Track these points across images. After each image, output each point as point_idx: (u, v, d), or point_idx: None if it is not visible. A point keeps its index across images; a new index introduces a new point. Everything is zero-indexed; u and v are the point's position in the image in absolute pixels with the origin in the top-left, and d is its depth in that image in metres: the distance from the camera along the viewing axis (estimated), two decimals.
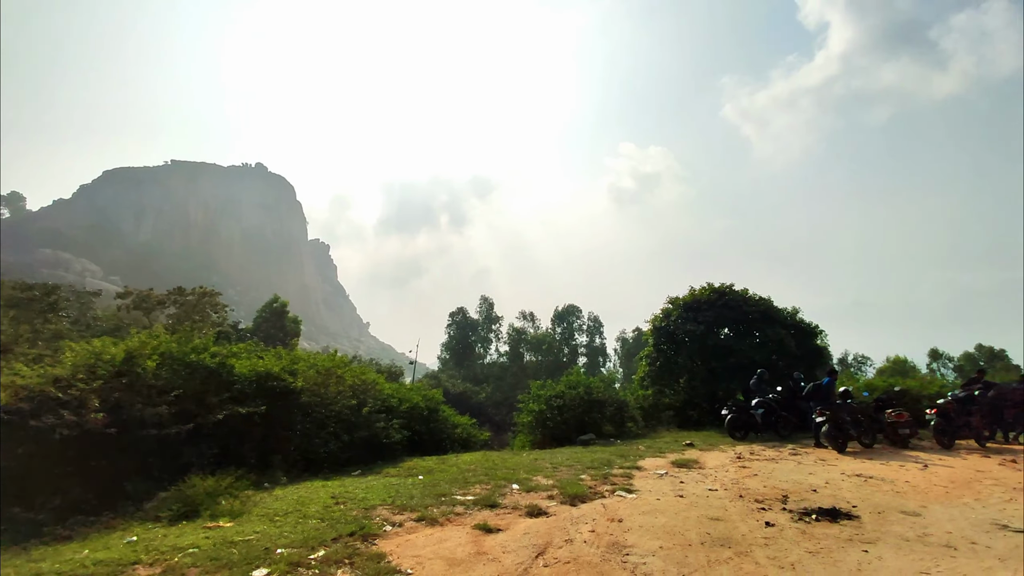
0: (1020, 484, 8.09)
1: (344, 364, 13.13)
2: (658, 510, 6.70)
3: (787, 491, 7.63)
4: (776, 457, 10.48)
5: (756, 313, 18.15)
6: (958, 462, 9.95)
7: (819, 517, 6.36)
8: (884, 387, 15.88)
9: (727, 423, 13.40)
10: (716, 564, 4.95)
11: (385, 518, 6.25)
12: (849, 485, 8.06)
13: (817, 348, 18.84)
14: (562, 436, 14.03)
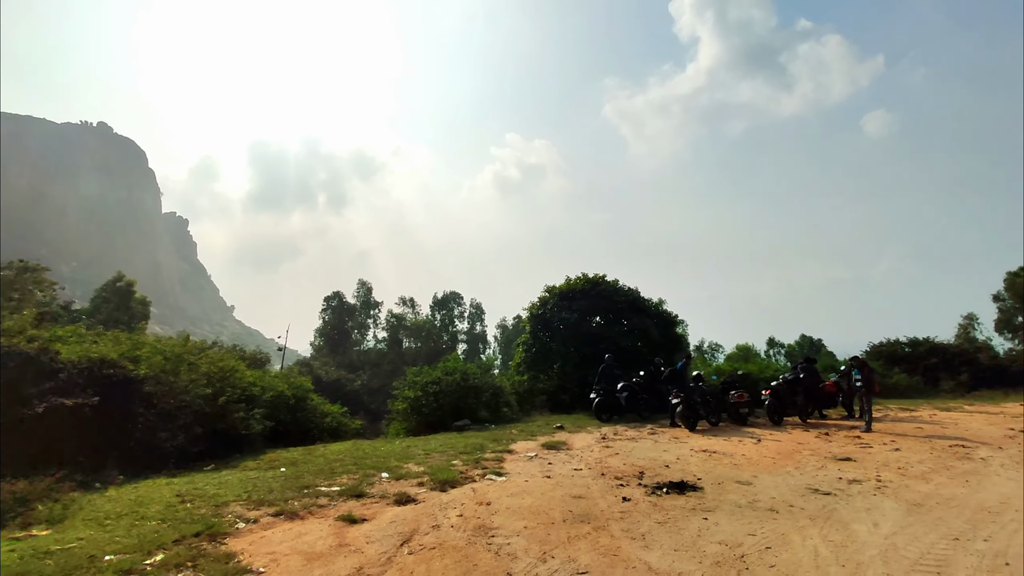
0: (830, 453, 9.40)
1: (199, 350, 11.99)
2: (526, 491, 6.89)
3: (644, 468, 8.22)
4: (636, 437, 11.25)
5: (625, 303, 19.33)
6: (785, 436, 11.34)
7: (669, 490, 6.91)
8: (730, 371, 17.67)
9: (595, 406, 14.18)
10: (576, 539, 5.19)
11: (238, 515, 5.81)
12: (696, 460, 8.86)
13: (677, 336, 20.50)
14: (438, 422, 13.99)
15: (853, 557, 4.78)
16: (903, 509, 6.20)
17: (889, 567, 4.57)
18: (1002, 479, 7.63)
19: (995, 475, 7.86)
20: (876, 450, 9.72)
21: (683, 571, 4.49)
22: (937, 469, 8.20)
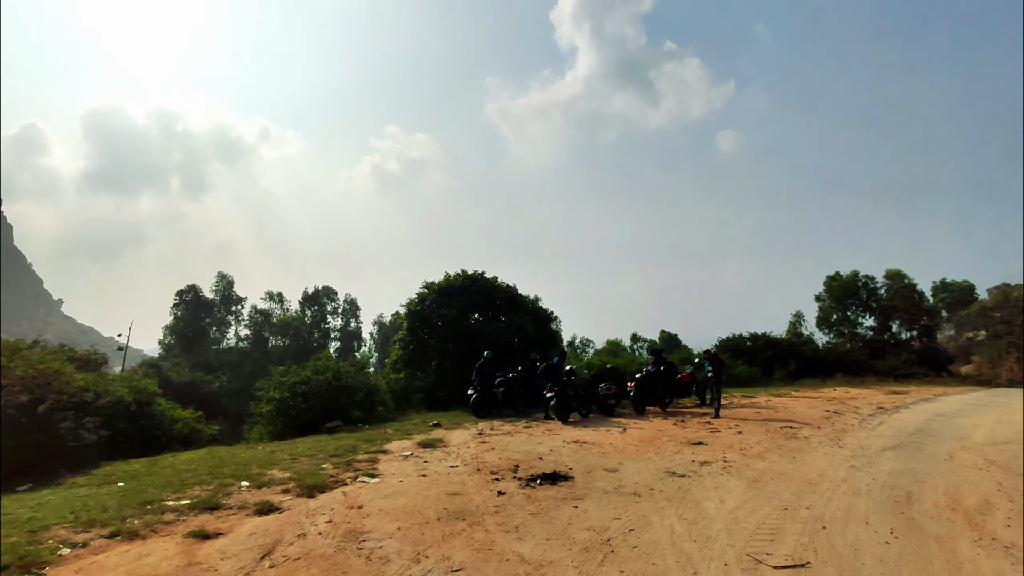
0: (686, 439, 10.26)
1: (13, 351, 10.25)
2: (400, 492, 6.71)
3: (519, 461, 8.38)
4: (512, 431, 11.47)
5: (504, 300, 19.67)
6: (647, 425, 12.20)
7: (543, 481, 7.11)
8: (600, 365, 18.70)
9: (472, 402, 14.25)
10: (450, 537, 5.14)
11: (63, 539, 5.02)
12: (568, 451, 9.22)
13: (552, 332, 21.28)
14: (307, 425, 13.21)
15: (703, 532, 5.24)
16: (744, 485, 6.93)
17: (732, 538, 5.07)
18: (820, 454, 8.82)
19: (815, 451, 9.07)
20: (723, 434, 10.78)
21: (554, 559, 4.62)
22: (771, 448, 9.28)
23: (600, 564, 4.51)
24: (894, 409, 14.86)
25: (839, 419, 12.79)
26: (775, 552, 4.74)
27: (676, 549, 4.82)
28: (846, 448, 9.30)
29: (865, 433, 10.87)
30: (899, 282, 40.66)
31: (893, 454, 8.85)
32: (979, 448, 9.29)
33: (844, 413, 13.82)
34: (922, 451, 9.09)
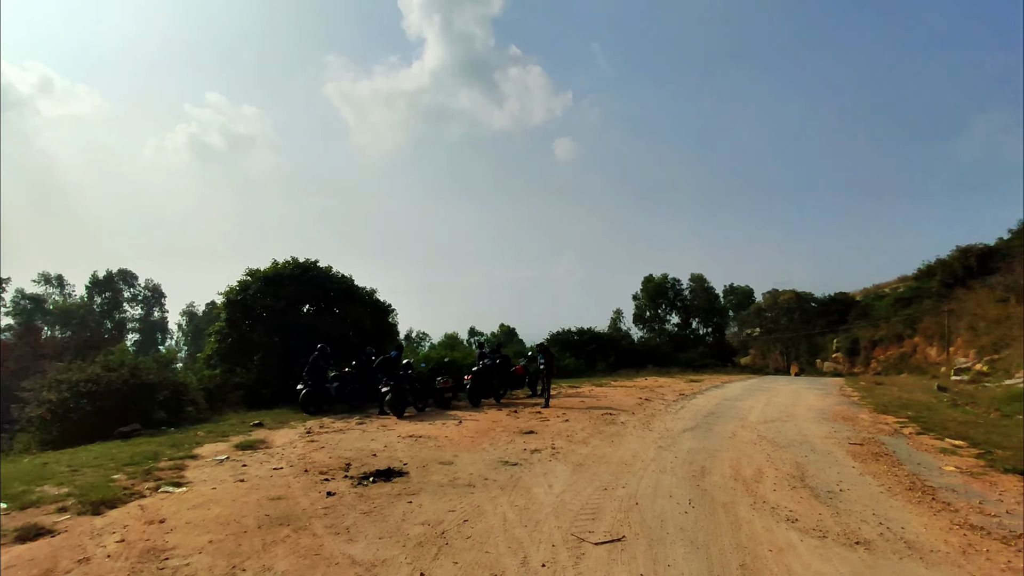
0: (518, 429, 10.69)
1: None
2: (213, 500, 6.02)
3: (351, 459, 8.03)
4: (344, 428, 10.97)
5: (339, 291, 18.71)
6: (483, 416, 12.49)
7: (376, 479, 6.89)
8: (437, 358, 18.73)
9: (302, 398, 13.37)
10: (273, 545, 4.73)
11: None
12: (403, 446, 9.06)
13: (389, 325, 20.76)
14: (95, 430, 11.26)
15: (533, 516, 5.48)
16: (570, 470, 7.40)
17: (559, 520, 5.37)
18: (634, 437, 9.78)
19: (630, 435, 10.04)
20: (552, 423, 11.44)
21: (387, 557, 4.49)
22: (594, 434, 10.07)
23: (434, 558, 4.48)
24: (692, 395, 17.06)
25: (650, 405, 14.32)
26: (596, 529, 5.12)
27: (508, 535, 4.97)
28: (655, 431, 10.43)
29: (670, 417, 12.30)
30: (701, 285, 46.96)
31: (692, 434, 10.13)
32: (754, 426, 11.04)
33: (653, 400, 15.51)
34: (712, 431, 10.53)
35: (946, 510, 5.72)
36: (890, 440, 9.61)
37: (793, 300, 58.83)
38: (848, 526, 5.23)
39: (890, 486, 6.64)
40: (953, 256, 41.16)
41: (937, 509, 5.75)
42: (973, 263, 38.94)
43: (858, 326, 51.02)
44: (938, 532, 5.07)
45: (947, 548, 4.69)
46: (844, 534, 5.02)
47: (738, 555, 4.54)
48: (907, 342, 43.54)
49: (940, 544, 4.78)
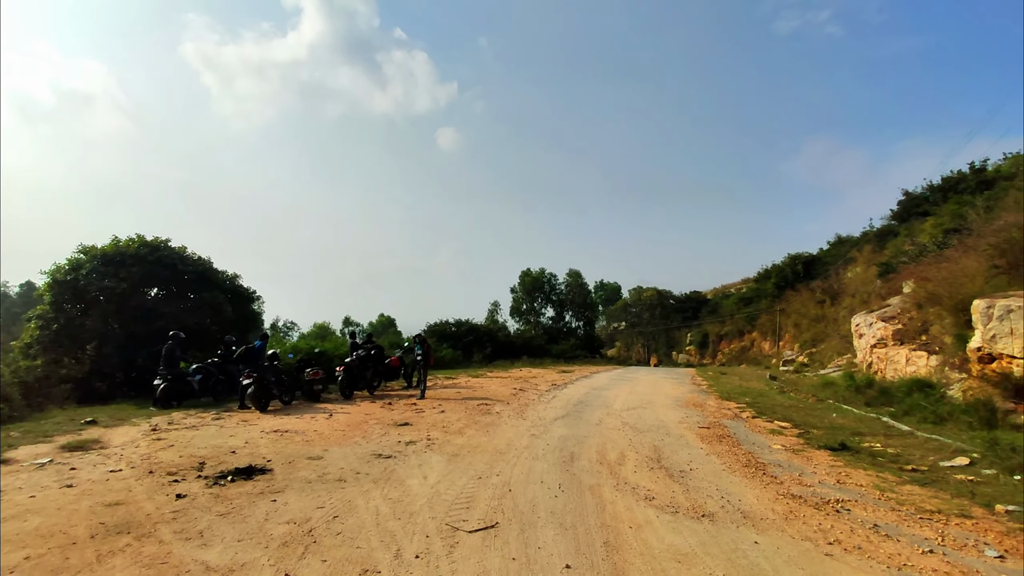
0: (393, 421, 10.48)
1: None
2: (32, 510, 5.20)
3: (205, 457, 7.36)
4: (198, 424, 10.03)
5: (194, 274, 17.00)
6: (355, 409, 12.06)
7: (235, 477, 6.38)
8: (307, 349, 17.75)
9: (160, 393, 12.04)
10: (109, 556, 4.19)
11: None
12: (267, 441, 8.49)
13: (253, 313, 19.29)
14: None
15: (407, 508, 5.40)
16: (445, 460, 7.40)
17: (434, 510, 5.35)
18: (508, 427, 10.01)
19: (504, 424, 10.26)
20: (428, 414, 11.36)
21: (247, 561, 4.17)
22: (470, 424, 10.15)
23: (301, 557, 4.25)
24: (563, 385, 17.84)
25: (524, 395, 14.75)
26: (470, 518, 5.16)
27: (381, 529, 4.85)
28: (528, 420, 10.76)
29: (543, 406, 12.76)
30: (576, 280, 49.12)
31: (562, 422, 10.59)
32: (618, 413, 11.81)
33: (527, 390, 15.99)
34: (582, 418, 11.10)
35: (773, 483, 6.53)
36: (731, 423, 10.78)
37: (655, 297, 63.81)
38: (696, 501, 5.78)
39: (730, 464, 7.44)
40: (785, 262, 46.96)
41: (767, 482, 6.56)
42: (800, 269, 44.73)
43: (708, 322, 56.60)
44: (767, 502, 5.78)
45: (773, 515, 5.36)
46: (693, 508, 5.54)
47: (602, 533, 4.83)
48: (747, 336, 49.12)
49: (768, 512, 5.44)
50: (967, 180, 29.00)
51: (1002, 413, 10.33)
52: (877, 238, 35.38)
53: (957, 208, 23.92)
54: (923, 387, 12.86)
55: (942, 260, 17.34)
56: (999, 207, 19.71)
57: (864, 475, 6.92)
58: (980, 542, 4.68)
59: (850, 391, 15.28)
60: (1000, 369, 11.10)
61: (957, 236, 19.43)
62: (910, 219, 31.65)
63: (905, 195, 34.06)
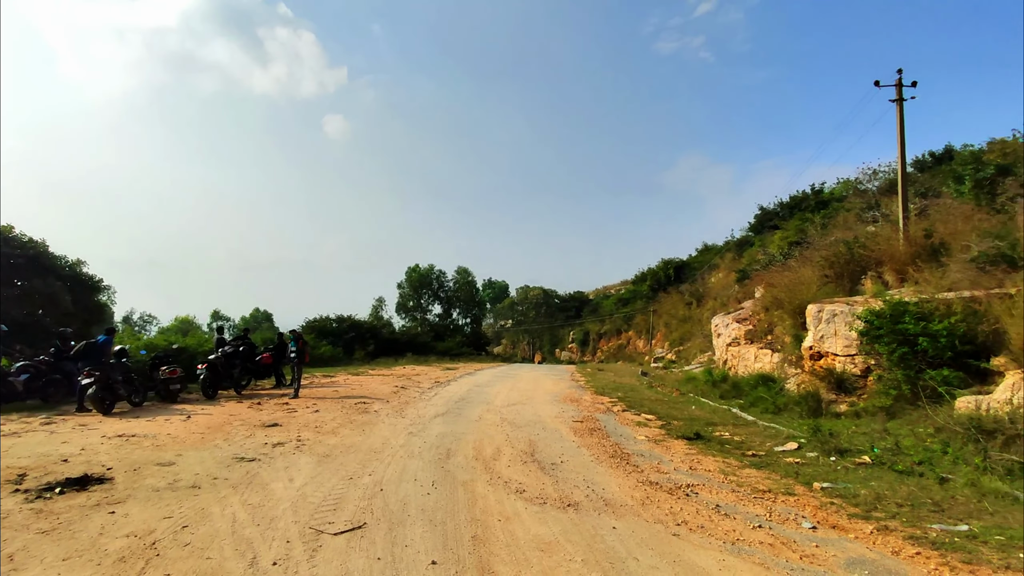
0: (260, 422, 9.85)
1: None
2: None
3: (27, 468, 6.44)
4: (20, 431, 8.76)
5: (23, 259, 14.82)
6: (218, 409, 11.19)
7: (65, 489, 5.66)
8: (165, 345, 16.15)
9: None
10: None
11: None
12: (108, 447, 7.62)
13: (99, 305, 17.21)
14: None
15: (268, 514, 5.10)
16: (315, 462, 7.09)
17: (298, 514, 5.10)
18: (386, 425, 9.82)
19: (382, 423, 10.05)
20: (300, 414, 10.82)
21: None
22: (345, 424, 9.82)
23: (140, 572, 3.86)
24: (446, 382, 17.83)
25: (405, 393, 14.54)
26: (337, 520, 4.99)
27: (236, 537, 4.54)
28: (407, 418, 10.62)
29: (423, 404, 12.67)
30: (464, 278, 49.25)
31: (442, 420, 10.58)
32: (498, 409, 12.03)
33: (409, 388, 15.79)
34: (462, 415, 11.17)
35: (635, 471, 7.01)
36: (603, 417, 11.40)
37: (541, 296, 65.83)
38: (564, 492, 6.04)
39: (598, 455, 7.87)
40: (659, 267, 50.59)
41: (629, 471, 7.02)
42: (672, 273, 48.44)
43: (589, 321, 59.44)
44: (627, 489, 6.19)
45: (632, 501, 5.75)
46: (560, 499, 5.78)
47: (471, 528, 4.89)
48: (624, 335, 52.25)
49: (628, 499, 5.83)
50: (808, 199, 33.00)
51: (826, 403, 11.89)
52: (737, 247, 39.21)
53: (800, 224, 27.12)
54: (767, 381, 14.46)
55: (786, 269, 19.58)
56: (832, 224, 22.67)
57: (713, 461, 7.64)
58: (799, 516, 5.35)
59: (708, 385, 16.80)
60: (826, 365, 12.77)
61: (798, 248, 22.03)
62: (764, 231, 35.39)
63: (760, 210, 38.02)
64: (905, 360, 10.07)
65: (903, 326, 10.17)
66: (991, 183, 16.13)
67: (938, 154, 26.48)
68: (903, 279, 13.47)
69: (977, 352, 9.59)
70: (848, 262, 15.64)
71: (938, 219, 15.02)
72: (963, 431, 7.39)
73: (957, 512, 5.32)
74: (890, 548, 4.53)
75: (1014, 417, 7.31)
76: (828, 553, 4.45)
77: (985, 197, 15.49)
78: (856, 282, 15.36)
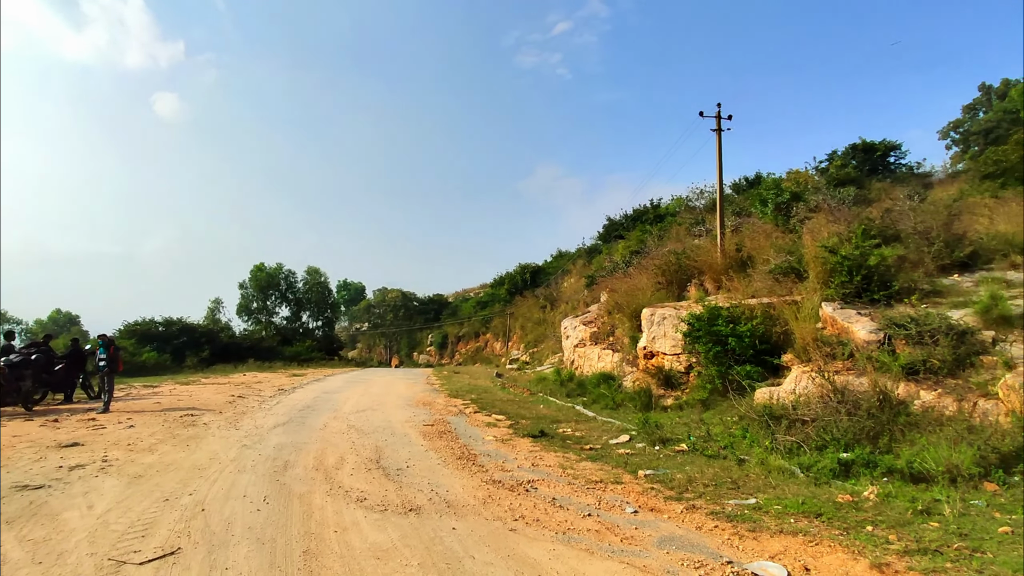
0: (56, 442, 8.46)
1: None
2: None
3: None
4: None
5: None
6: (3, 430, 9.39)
7: None
8: None
9: None
10: None
11: None
12: None
13: None
14: None
15: (56, 548, 4.39)
16: (124, 484, 6.25)
17: (95, 545, 4.45)
18: (216, 439, 8.96)
19: (211, 436, 9.15)
20: (110, 430, 9.48)
21: None
22: (165, 439, 8.78)
23: None
24: (292, 389, 16.75)
25: (242, 402, 13.39)
26: (145, 548, 4.44)
27: None
28: (242, 430, 9.79)
29: (263, 413, 11.76)
30: (316, 278, 46.59)
31: (282, 429, 9.90)
32: (346, 416, 11.56)
33: (248, 396, 14.58)
34: (305, 424, 10.56)
35: (480, 471, 7.14)
36: (454, 419, 11.47)
37: (399, 299, 64.64)
38: (407, 497, 5.97)
39: (445, 458, 7.90)
40: (516, 271, 52.25)
41: (474, 472, 7.13)
42: (528, 277, 50.31)
43: (448, 323, 59.59)
44: (471, 490, 6.29)
45: (474, 501, 5.85)
46: (402, 504, 5.70)
47: (304, 542, 4.63)
48: (481, 337, 53.16)
49: (470, 499, 5.92)
50: (648, 213, 36.27)
51: (656, 398, 13.13)
52: (587, 254, 41.85)
53: (640, 235, 29.68)
54: (608, 380, 15.60)
55: (627, 276, 21.31)
56: (667, 236, 25.12)
57: (554, 457, 8.05)
58: (624, 502, 5.83)
59: (557, 385, 17.70)
60: (657, 363, 14.11)
61: (638, 257, 24.09)
62: (611, 240, 38.17)
63: (608, 221, 40.93)
64: (718, 358, 11.47)
65: (717, 328, 11.58)
66: (787, 207, 19.05)
67: (751, 179, 30.68)
68: (719, 287, 15.35)
69: (772, 350, 11.23)
70: (677, 271, 17.46)
71: (747, 236, 17.33)
72: (758, 418, 8.58)
73: (749, 488, 6.16)
74: (695, 524, 5.11)
75: (796, 404, 8.66)
76: (645, 534, 4.90)
77: (782, 218, 18.22)
78: (683, 288, 17.19)
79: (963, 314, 9.10)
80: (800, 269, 12.64)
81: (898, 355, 8.49)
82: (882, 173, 26.47)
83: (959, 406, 7.28)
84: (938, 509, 5.03)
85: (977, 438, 6.20)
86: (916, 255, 12.03)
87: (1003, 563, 3.83)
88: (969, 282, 11.03)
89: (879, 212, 15.21)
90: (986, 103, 27.26)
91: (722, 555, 4.39)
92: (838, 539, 4.53)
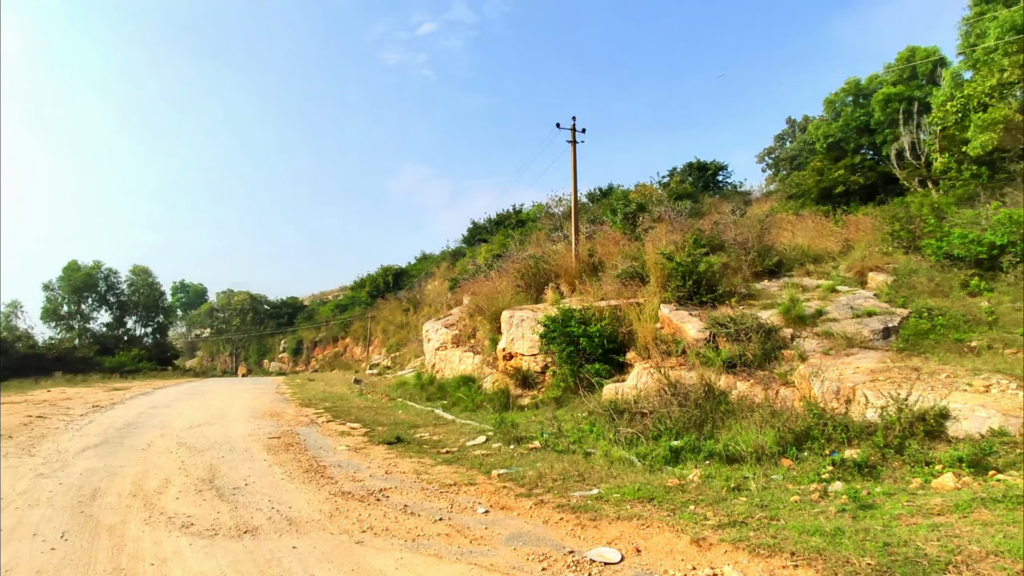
0: None
1: None
2: None
3: None
4: None
5: None
6: None
7: None
8: None
9: None
10: None
11: None
12: None
13: None
14: None
15: None
16: None
17: None
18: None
19: None
20: None
21: None
22: None
23: None
24: (110, 406, 14.63)
25: (43, 424, 11.40)
26: None
27: None
28: (39, 456, 8.31)
29: (69, 435, 10.11)
30: (144, 279, 41.24)
31: (93, 452, 8.59)
32: (176, 433, 10.33)
33: (51, 416, 12.46)
34: (124, 445, 9.25)
35: (329, 483, 6.76)
36: (304, 430, 10.78)
37: (247, 301, 59.59)
38: (242, 518, 5.45)
39: (291, 472, 7.37)
40: (379, 273, 50.78)
41: (322, 484, 6.74)
42: (391, 279, 49.12)
43: (304, 328, 56.15)
44: (317, 504, 5.92)
45: (320, 516, 5.51)
46: (236, 527, 5.19)
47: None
48: (340, 342, 50.80)
49: (316, 514, 5.57)
50: (511, 218, 37.28)
51: (514, 398, 13.46)
52: (451, 257, 41.92)
53: (503, 239, 30.39)
54: (468, 382, 15.69)
55: (488, 279, 21.65)
56: (528, 241, 25.97)
57: (409, 463, 7.88)
58: (476, 503, 5.86)
59: (417, 389, 17.44)
60: (515, 364, 14.47)
61: (500, 261, 24.61)
62: (475, 243, 38.62)
63: (472, 224, 41.39)
64: (571, 357, 12.06)
65: (570, 329, 12.17)
66: (634, 216, 20.68)
67: (604, 189, 32.86)
68: (574, 290, 16.19)
69: (619, 349, 12.07)
70: (535, 274, 18.11)
71: (599, 243, 18.50)
72: (604, 413, 9.14)
73: (594, 479, 6.52)
74: (542, 518, 5.28)
75: (637, 399, 9.37)
76: (494, 532, 4.95)
77: (629, 227, 19.74)
78: (541, 291, 17.85)
79: (770, 314, 10.51)
80: (643, 274, 13.75)
81: (720, 351, 9.57)
82: (712, 189, 29.91)
83: (766, 394, 8.38)
84: (747, 485, 5.70)
85: (777, 421, 7.16)
86: (736, 263, 13.69)
87: (792, 527, 4.44)
88: (775, 286, 12.77)
89: (709, 224, 17.09)
90: (791, 134, 31.94)
91: (564, 546, 4.57)
92: (666, 520, 4.94)
